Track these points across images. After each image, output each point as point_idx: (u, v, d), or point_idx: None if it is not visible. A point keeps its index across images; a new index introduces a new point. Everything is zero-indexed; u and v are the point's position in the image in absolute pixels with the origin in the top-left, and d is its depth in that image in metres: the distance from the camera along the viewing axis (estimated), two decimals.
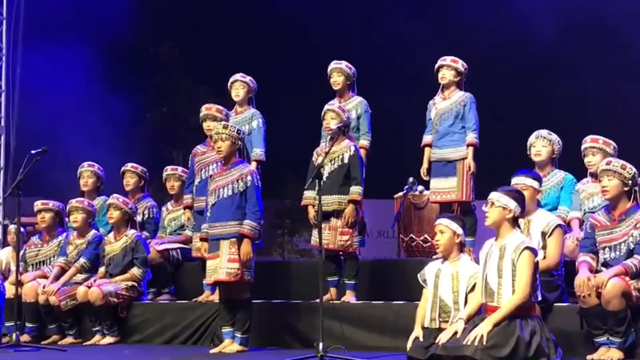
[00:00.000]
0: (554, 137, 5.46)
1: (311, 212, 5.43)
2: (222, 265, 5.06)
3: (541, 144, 5.42)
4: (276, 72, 12.34)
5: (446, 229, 4.48)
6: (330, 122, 5.46)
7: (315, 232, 5.34)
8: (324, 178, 5.36)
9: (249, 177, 5.14)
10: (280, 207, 14.58)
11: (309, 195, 5.46)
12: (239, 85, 6.23)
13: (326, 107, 5.62)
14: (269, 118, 6.23)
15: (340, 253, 5.51)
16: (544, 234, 4.61)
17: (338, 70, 6.03)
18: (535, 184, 4.73)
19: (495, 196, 4.26)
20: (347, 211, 5.39)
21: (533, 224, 4.62)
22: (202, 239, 5.33)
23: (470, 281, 4.39)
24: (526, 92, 11.62)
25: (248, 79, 6.28)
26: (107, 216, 6.07)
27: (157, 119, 14.03)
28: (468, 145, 5.73)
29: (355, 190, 5.40)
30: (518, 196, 4.27)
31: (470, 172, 5.70)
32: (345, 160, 5.43)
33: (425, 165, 5.90)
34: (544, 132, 5.47)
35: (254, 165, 6.04)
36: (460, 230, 4.49)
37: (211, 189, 5.22)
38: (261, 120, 6.17)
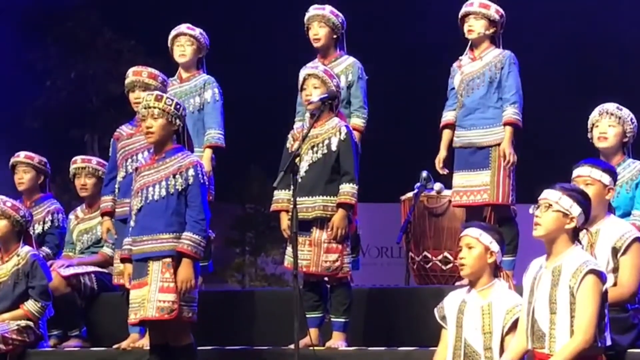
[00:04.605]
0: (626, 113, 5.48)
1: (284, 220, 5.41)
2: (152, 297, 5.03)
3: (607, 122, 5.43)
4: (233, 22, 12.31)
5: (475, 244, 4.48)
6: (313, 93, 5.44)
7: (289, 250, 5.32)
8: (303, 172, 5.35)
9: (191, 171, 5.12)
10: (239, 215, 14.59)
11: (282, 196, 5.44)
12: (186, 40, 6.22)
13: (306, 70, 5.59)
14: (222, 88, 6.22)
15: (326, 279, 5.50)
16: (615, 251, 4.62)
17: (319, 19, 6.02)
18: (605, 178, 4.73)
19: (553, 196, 4.25)
20: (335, 219, 5.37)
21: (601, 237, 4.64)
22: (123, 260, 5.31)
23: (509, 318, 4.41)
24: (587, 52, 11.68)
25: (198, 32, 6.26)
26: None
27: (62, 87, 13.95)
28: (506, 124, 5.74)
29: (347, 190, 5.38)
30: (584, 201, 4.27)
31: (507, 163, 5.71)
32: (333, 147, 5.41)
33: (442, 153, 5.91)
34: (611, 106, 5.48)
35: (207, 153, 6.04)
36: (495, 246, 4.49)
37: (137, 187, 5.20)
38: (217, 91, 6.17)
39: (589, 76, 11.28)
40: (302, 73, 5.62)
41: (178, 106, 5.20)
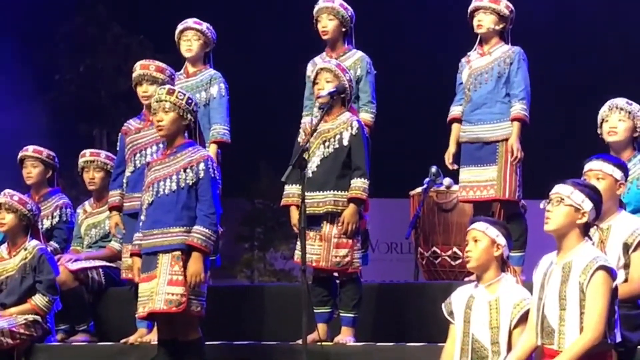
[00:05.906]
0: (636, 108, 5.46)
1: (294, 215, 5.42)
2: (160, 290, 5.03)
3: (617, 117, 5.41)
4: (241, 17, 12.31)
5: (482, 237, 4.47)
6: (325, 87, 5.44)
7: (299, 244, 5.31)
8: (314, 167, 5.36)
9: (202, 166, 5.12)
10: (248, 210, 14.58)
11: (293, 191, 5.45)
12: (192, 35, 6.23)
13: (318, 64, 5.59)
14: (231, 83, 6.22)
15: (335, 274, 5.50)
16: (626, 247, 4.62)
17: (328, 11, 6.01)
18: (617, 173, 4.72)
19: (565, 190, 4.24)
20: (346, 214, 5.37)
21: (612, 233, 4.63)
22: (134, 254, 5.32)
23: (516, 312, 4.39)
24: (596, 45, 11.65)
25: (204, 26, 6.27)
26: None
27: (71, 81, 13.96)
28: (513, 120, 5.74)
29: (359, 185, 5.39)
30: (596, 196, 4.27)
31: (515, 159, 5.71)
32: (345, 142, 5.41)
33: (452, 148, 5.90)
34: (621, 101, 5.47)
35: (213, 148, 6.04)
36: (502, 240, 4.48)
37: (148, 182, 5.21)
38: (224, 86, 6.18)
39: (598, 71, 11.24)
40: (313, 67, 5.62)
41: (190, 101, 5.20)
